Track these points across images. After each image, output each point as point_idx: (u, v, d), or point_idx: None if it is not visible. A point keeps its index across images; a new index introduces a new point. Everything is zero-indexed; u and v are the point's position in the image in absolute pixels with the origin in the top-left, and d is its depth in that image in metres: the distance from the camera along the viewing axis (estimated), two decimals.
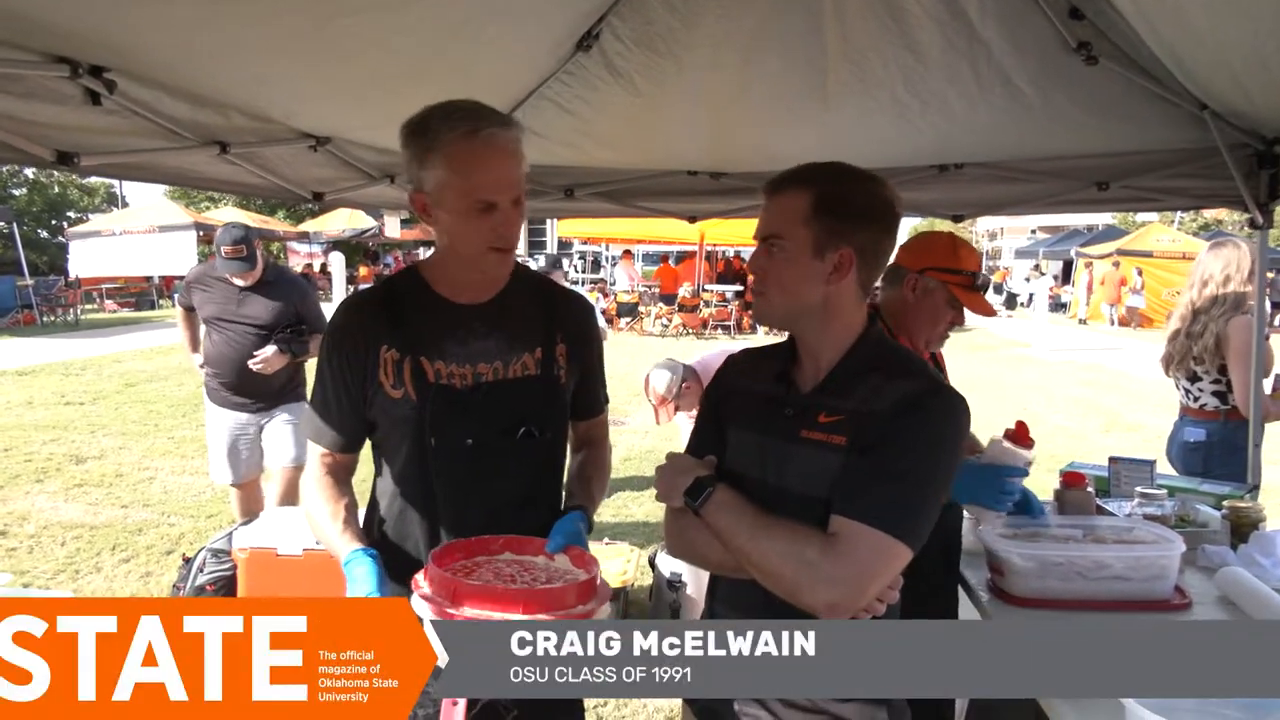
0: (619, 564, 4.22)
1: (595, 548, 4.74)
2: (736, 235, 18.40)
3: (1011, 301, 28.41)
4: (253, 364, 4.35)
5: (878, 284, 1.84)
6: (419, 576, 1.48)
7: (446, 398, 1.62)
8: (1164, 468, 3.37)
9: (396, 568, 1.68)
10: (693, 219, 3.99)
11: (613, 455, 1.77)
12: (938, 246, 2.44)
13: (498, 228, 1.56)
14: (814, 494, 1.45)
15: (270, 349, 4.36)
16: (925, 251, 2.44)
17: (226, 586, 4.23)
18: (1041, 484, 3.83)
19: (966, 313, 2.43)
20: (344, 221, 25.24)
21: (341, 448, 1.69)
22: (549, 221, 32.98)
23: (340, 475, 1.70)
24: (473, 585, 1.43)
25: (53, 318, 18.90)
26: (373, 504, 1.76)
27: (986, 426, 2.32)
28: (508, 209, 1.55)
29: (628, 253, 22.47)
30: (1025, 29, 2.47)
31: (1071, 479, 2.66)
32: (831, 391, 1.50)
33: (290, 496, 4.46)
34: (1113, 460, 3.13)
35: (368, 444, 1.76)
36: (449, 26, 2.13)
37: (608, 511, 5.98)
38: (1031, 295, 26.50)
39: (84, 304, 20.95)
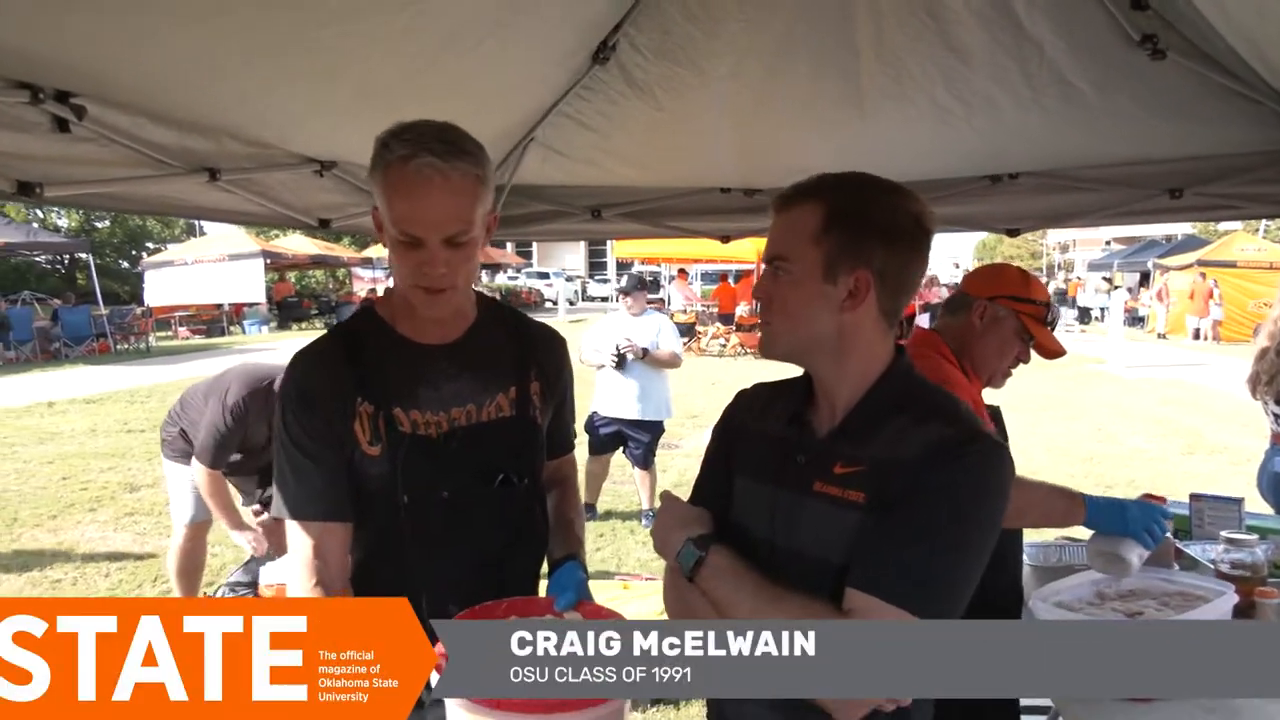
0: (655, 602, 4.00)
1: (633, 585, 4.56)
2: None
3: (1085, 316, 27.47)
4: None
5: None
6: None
7: (419, 449, 1.48)
8: (1255, 502, 3.04)
9: None
10: (726, 239, 3.80)
11: (664, 480, 1.60)
12: (1008, 275, 2.29)
13: (422, 266, 1.40)
14: (828, 558, 1.24)
15: None
16: (996, 279, 2.29)
17: None
18: None
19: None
20: None
21: (335, 514, 1.48)
22: (609, 243, 33.12)
23: (335, 571, 1.47)
24: None
25: (126, 346, 19.50)
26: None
27: (1057, 450, 2.09)
28: (435, 248, 1.39)
29: (682, 272, 22.32)
30: (1080, 22, 2.25)
31: None
32: (850, 437, 1.28)
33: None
34: (1194, 498, 2.81)
35: None
36: (437, 40, 1.99)
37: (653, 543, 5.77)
38: (1104, 309, 25.56)
39: (158, 332, 21.59)
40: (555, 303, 32.64)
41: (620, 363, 5.87)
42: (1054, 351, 2.24)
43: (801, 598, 1.21)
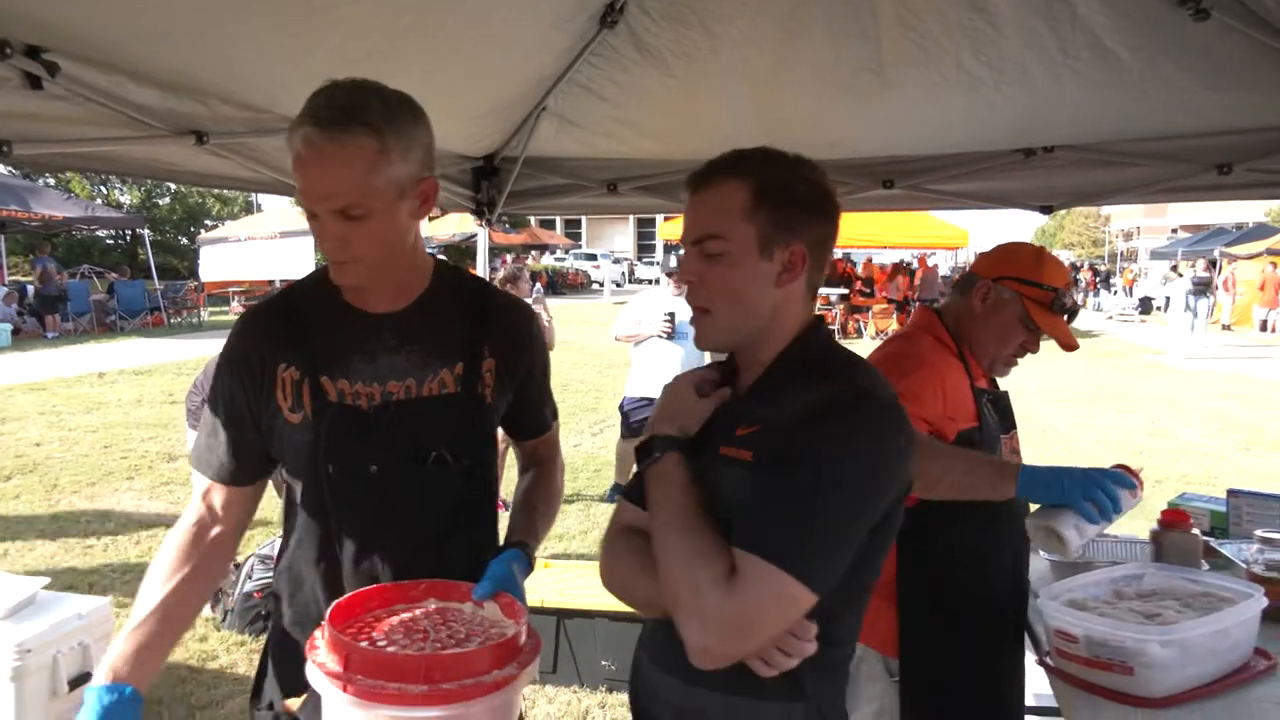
0: None
1: None
2: (842, 236, 17.88)
3: (1146, 306, 26.63)
4: None
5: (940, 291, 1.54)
6: (316, 634, 1.24)
7: (347, 419, 1.40)
8: None
9: (293, 624, 1.48)
10: None
11: None
12: (1020, 256, 2.13)
13: (318, 238, 1.35)
14: (726, 520, 1.20)
15: None
16: (1004, 259, 2.14)
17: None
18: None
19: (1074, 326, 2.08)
20: (454, 226, 25.74)
21: (228, 478, 1.46)
22: (658, 224, 32.90)
23: (209, 529, 1.46)
24: (368, 651, 1.18)
25: (179, 319, 19.94)
26: (281, 551, 1.55)
27: (1107, 442, 1.93)
28: (326, 219, 1.31)
29: None
30: None
31: (1173, 517, 2.22)
32: (754, 400, 1.29)
33: None
34: (1232, 494, 2.64)
35: None
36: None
37: None
38: (1168, 299, 24.79)
39: (213, 306, 22.03)
40: (602, 284, 32.61)
41: (672, 331, 5.76)
42: (1064, 344, 2.07)
43: (714, 538, 1.17)
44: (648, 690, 1.36)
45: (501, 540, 1.56)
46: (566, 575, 4.03)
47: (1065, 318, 2.08)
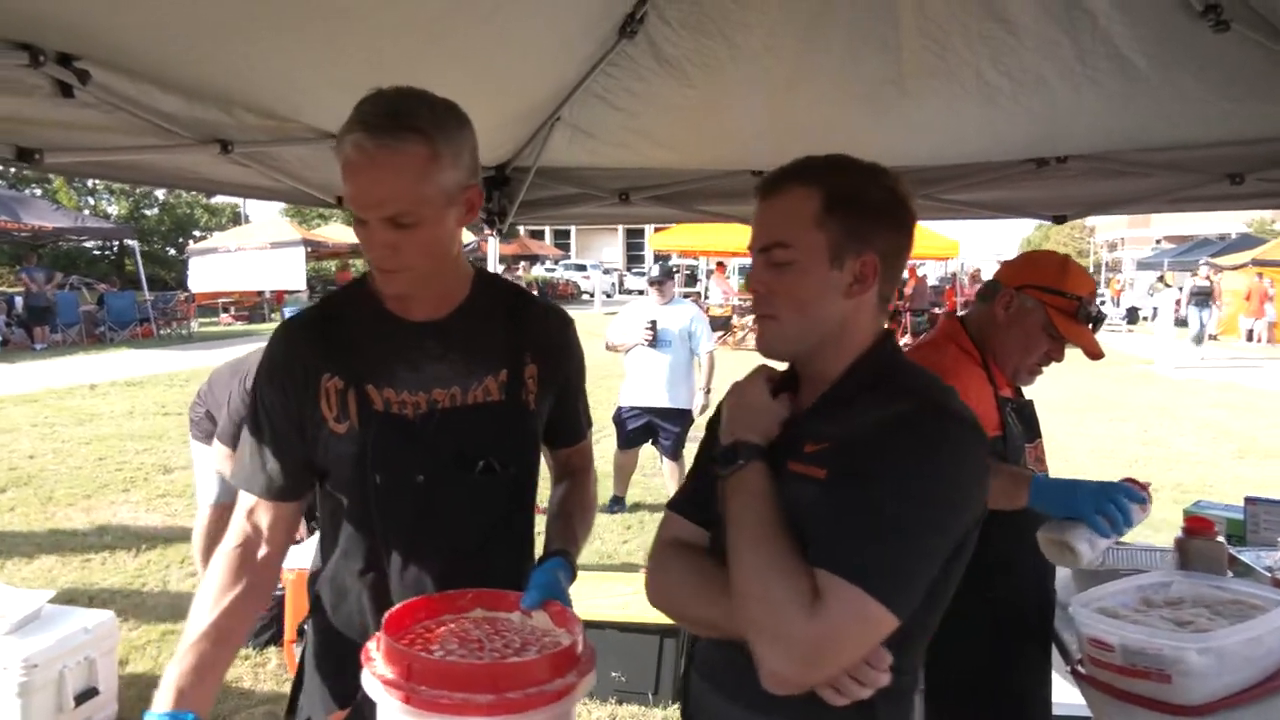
0: None
1: None
2: None
3: (1133, 316, 26.82)
4: None
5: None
6: (370, 645, 1.23)
7: (394, 428, 1.38)
8: None
9: (336, 636, 1.46)
10: None
11: None
12: (1044, 264, 2.14)
13: (366, 245, 1.34)
14: (802, 541, 1.16)
15: None
16: (1028, 268, 2.14)
17: (277, 605, 4.13)
18: (1163, 523, 3.40)
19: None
20: None
21: (276, 494, 1.43)
22: (647, 235, 32.99)
23: (256, 549, 1.42)
24: (430, 661, 1.17)
25: (169, 330, 19.81)
26: (314, 568, 1.53)
27: (1101, 452, 1.93)
28: (376, 227, 1.30)
29: (720, 265, 22.12)
30: None
31: (1197, 525, 2.23)
32: (823, 415, 1.24)
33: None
34: (1249, 501, 2.65)
35: None
36: (447, 9, 1.89)
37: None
38: (1155, 309, 24.98)
39: (203, 318, 21.91)
40: (592, 295, 32.63)
41: (654, 338, 5.78)
42: (1090, 352, 2.08)
43: (794, 553, 1.12)
44: (700, 713, 1.33)
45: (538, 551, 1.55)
46: (573, 586, 4.00)
47: (1090, 326, 2.09)
